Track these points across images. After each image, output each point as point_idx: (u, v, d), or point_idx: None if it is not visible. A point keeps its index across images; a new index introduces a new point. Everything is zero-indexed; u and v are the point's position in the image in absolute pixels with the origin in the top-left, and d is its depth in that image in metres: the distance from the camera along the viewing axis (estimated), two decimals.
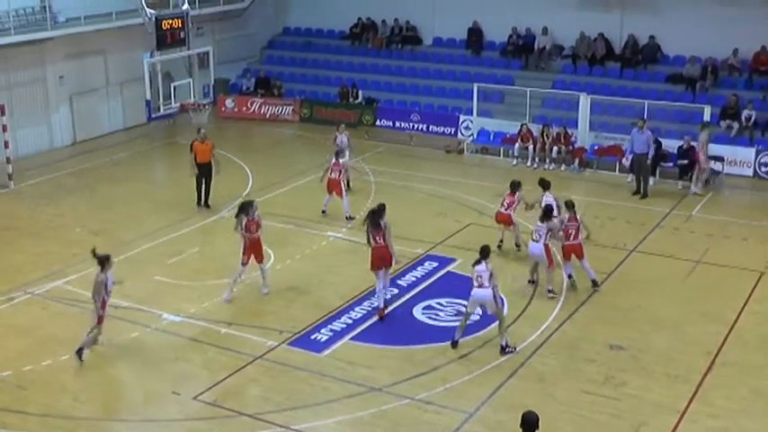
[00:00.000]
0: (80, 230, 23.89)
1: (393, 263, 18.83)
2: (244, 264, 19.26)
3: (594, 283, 20.01)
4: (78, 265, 21.17)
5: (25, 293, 19.93)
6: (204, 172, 25.18)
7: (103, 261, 16.64)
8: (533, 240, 19.72)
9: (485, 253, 17.00)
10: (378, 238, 18.44)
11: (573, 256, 19.71)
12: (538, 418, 11.16)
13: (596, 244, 22.53)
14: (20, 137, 29.98)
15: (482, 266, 16.86)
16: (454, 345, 17.25)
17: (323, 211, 24.49)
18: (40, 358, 16.96)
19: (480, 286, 16.79)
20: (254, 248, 19.38)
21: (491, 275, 16.77)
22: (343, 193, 24.47)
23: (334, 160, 24.48)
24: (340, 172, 24.28)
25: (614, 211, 25.38)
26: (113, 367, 16.70)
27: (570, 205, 19.96)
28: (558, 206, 20.86)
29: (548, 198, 21.36)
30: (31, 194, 27.13)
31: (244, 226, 19.20)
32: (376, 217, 18.46)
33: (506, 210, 21.73)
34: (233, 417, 15.12)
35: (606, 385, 16.08)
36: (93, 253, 16.71)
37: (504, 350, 17.01)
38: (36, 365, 16.73)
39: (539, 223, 19.61)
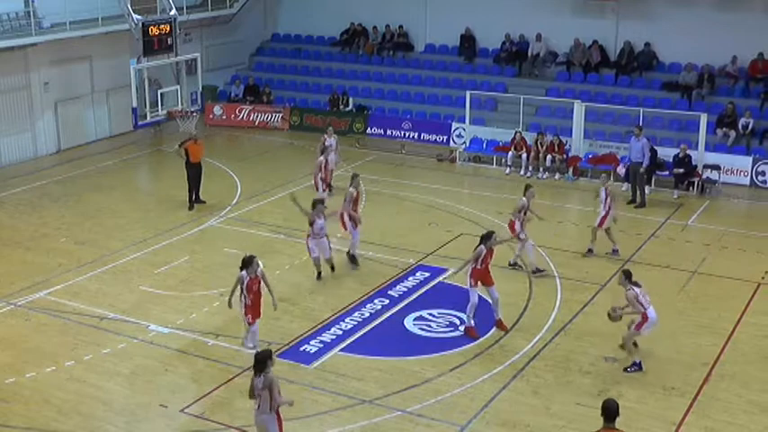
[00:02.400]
0: (65, 240, 23.57)
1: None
2: (251, 323, 17.09)
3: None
4: (63, 275, 20.98)
5: (8, 305, 19.62)
6: (195, 172, 25.58)
7: (247, 263, 16.74)
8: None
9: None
10: None
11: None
12: (618, 405, 11.59)
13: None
14: (3, 144, 29.75)
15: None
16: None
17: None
18: (24, 370, 16.71)
19: None
20: (257, 306, 17.11)
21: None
22: (319, 189, 25.10)
23: (321, 158, 24.82)
24: (319, 168, 24.71)
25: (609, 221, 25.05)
26: (100, 379, 16.40)
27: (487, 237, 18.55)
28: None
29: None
30: (15, 203, 26.78)
31: (246, 286, 16.76)
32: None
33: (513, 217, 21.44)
34: (221, 430, 14.87)
35: (601, 398, 15.58)
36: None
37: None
38: (19, 377, 16.48)
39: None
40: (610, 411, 11.56)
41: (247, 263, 16.71)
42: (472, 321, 18.07)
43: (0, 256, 22.54)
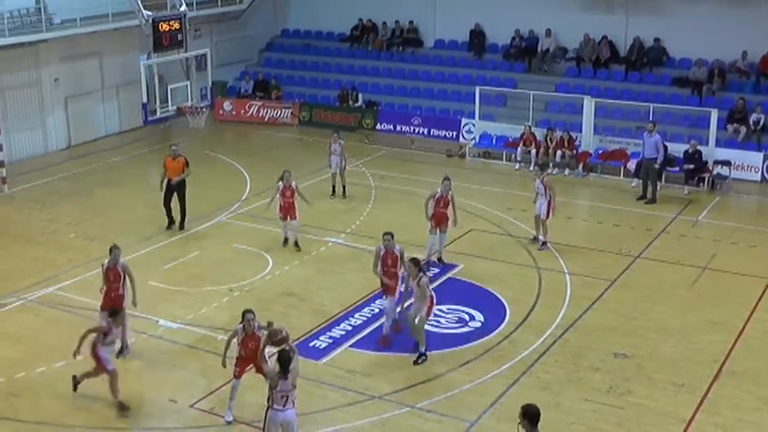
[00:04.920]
0: (74, 236, 23.60)
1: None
2: (237, 377, 15.09)
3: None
4: (72, 270, 21.01)
5: (18, 300, 19.65)
6: (174, 189, 23.55)
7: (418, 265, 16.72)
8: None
9: None
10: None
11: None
12: (539, 412, 10.82)
13: (600, 250, 22.30)
14: (14, 140, 29.70)
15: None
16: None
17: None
18: (34, 365, 16.74)
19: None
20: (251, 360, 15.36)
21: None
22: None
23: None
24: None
25: (619, 217, 25.06)
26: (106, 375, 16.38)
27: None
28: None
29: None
30: (25, 199, 26.84)
31: (241, 341, 14.91)
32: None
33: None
34: (230, 425, 14.84)
35: (610, 394, 15.84)
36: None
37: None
38: (29, 372, 16.51)
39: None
40: (531, 415, 10.78)
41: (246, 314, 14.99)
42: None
43: (11, 252, 22.60)
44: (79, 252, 22.33)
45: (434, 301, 17.19)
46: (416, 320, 16.74)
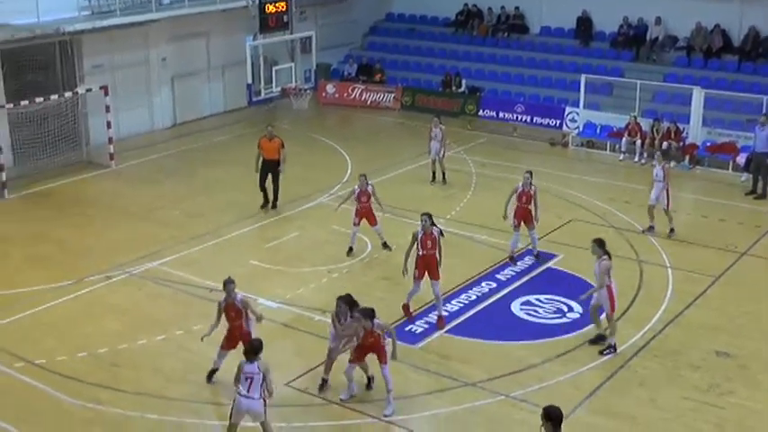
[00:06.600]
0: (178, 213, 24.04)
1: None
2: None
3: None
4: (175, 246, 21.43)
5: (122, 273, 20.12)
6: (269, 170, 23.95)
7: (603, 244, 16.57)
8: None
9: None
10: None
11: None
12: (562, 414, 10.63)
13: (704, 245, 21.76)
14: (122, 118, 30.29)
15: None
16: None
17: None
18: (136, 337, 17.16)
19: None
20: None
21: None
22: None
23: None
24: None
25: (726, 212, 24.41)
26: (207, 350, 16.56)
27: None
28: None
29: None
30: (131, 175, 27.49)
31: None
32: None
33: None
34: (324, 405, 15.02)
35: (710, 393, 15.48)
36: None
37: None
38: (131, 344, 16.93)
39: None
40: (554, 417, 10.62)
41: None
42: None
43: (117, 226, 23.17)
44: (182, 229, 22.76)
45: (614, 294, 16.51)
46: (600, 317, 16.71)
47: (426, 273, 17.53)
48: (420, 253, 17.44)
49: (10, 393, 15.32)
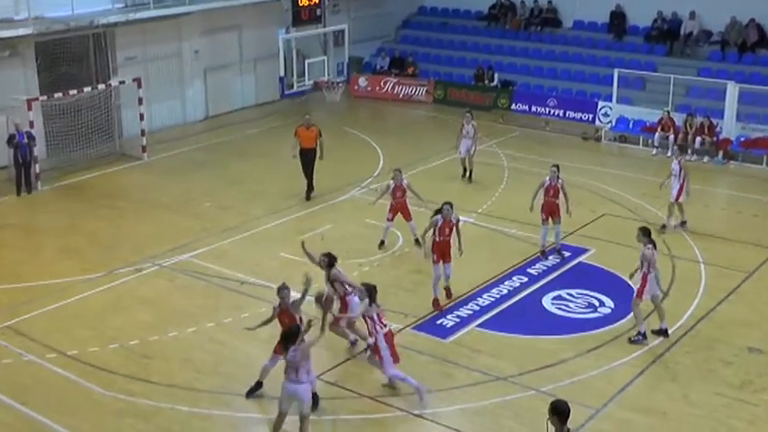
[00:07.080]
0: (209, 205, 24.11)
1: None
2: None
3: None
4: (206, 239, 21.48)
5: (153, 265, 20.21)
6: (305, 158, 24.23)
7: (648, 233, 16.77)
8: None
9: None
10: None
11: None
12: (569, 408, 10.43)
13: (737, 241, 21.54)
14: (154, 110, 30.47)
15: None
16: None
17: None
18: (166, 329, 17.22)
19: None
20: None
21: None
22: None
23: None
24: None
25: (759, 207, 24.17)
26: (238, 342, 16.71)
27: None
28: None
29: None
30: (163, 167, 27.61)
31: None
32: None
33: None
34: (354, 398, 15.01)
35: (743, 390, 15.33)
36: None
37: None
38: (162, 336, 16.99)
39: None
40: (560, 411, 10.36)
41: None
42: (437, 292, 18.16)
43: (148, 218, 23.30)
44: (213, 221, 22.83)
45: (647, 282, 16.56)
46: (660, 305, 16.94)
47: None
48: (437, 239, 17.95)
49: (42, 384, 15.44)
